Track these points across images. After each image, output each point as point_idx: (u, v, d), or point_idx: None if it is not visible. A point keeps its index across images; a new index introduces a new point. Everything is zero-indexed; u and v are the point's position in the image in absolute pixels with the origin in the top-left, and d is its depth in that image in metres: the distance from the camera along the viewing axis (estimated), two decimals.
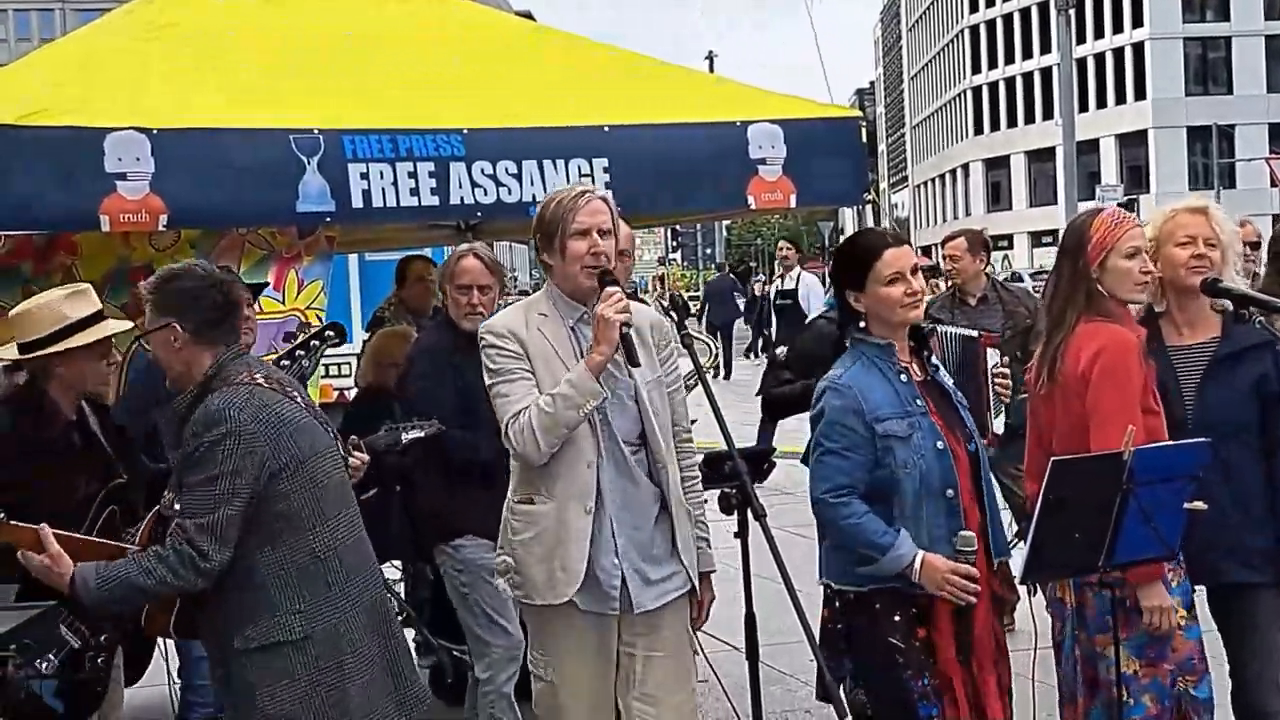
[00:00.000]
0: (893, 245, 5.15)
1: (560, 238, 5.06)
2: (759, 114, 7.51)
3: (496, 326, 5.16)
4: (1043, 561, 4.76)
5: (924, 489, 4.97)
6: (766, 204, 7.53)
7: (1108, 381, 5.08)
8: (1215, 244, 5.43)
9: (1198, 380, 5.43)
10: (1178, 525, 4.88)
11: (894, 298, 5.06)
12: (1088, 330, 5.20)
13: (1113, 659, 5.12)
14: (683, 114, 7.44)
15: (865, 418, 4.97)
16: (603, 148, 7.06)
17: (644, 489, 5.14)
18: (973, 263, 9.76)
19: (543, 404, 4.94)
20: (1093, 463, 4.79)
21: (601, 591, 5.07)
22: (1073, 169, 35.97)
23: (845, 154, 7.74)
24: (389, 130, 6.65)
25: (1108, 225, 5.30)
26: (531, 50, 8.19)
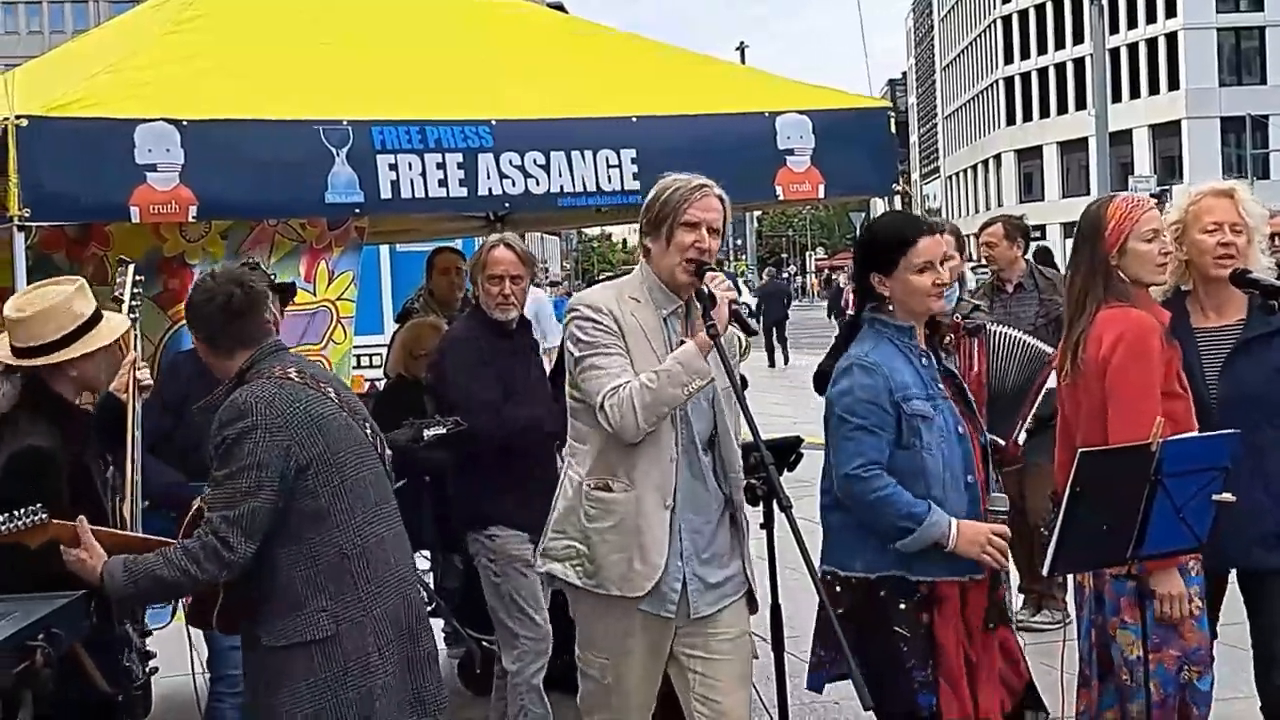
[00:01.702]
0: (927, 234, 5.16)
1: (670, 225, 4.98)
2: (787, 104, 7.51)
3: (592, 300, 5.07)
4: (1070, 553, 4.75)
5: (948, 472, 4.98)
6: (795, 195, 7.53)
7: (1128, 366, 5.07)
8: (1241, 229, 5.41)
9: (1223, 362, 5.42)
10: (1206, 517, 4.86)
11: (923, 286, 5.07)
12: (1108, 316, 5.19)
13: (1122, 644, 5.16)
14: (711, 105, 7.44)
15: (894, 396, 4.97)
16: (630, 138, 7.07)
17: (712, 492, 5.10)
18: (1009, 249, 9.72)
19: (646, 380, 4.83)
20: (1121, 454, 4.77)
21: (661, 593, 5.00)
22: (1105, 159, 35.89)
23: (874, 145, 7.74)
24: (417, 121, 6.67)
25: (1124, 210, 5.29)
26: (559, 41, 8.21)
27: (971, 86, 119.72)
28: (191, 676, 6.19)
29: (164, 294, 7.23)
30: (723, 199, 5.06)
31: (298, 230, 7.03)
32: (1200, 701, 5.18)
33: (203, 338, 4.93)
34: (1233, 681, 5.68)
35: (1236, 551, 5.28)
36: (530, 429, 6.57)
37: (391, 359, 8.41)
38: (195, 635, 6.25)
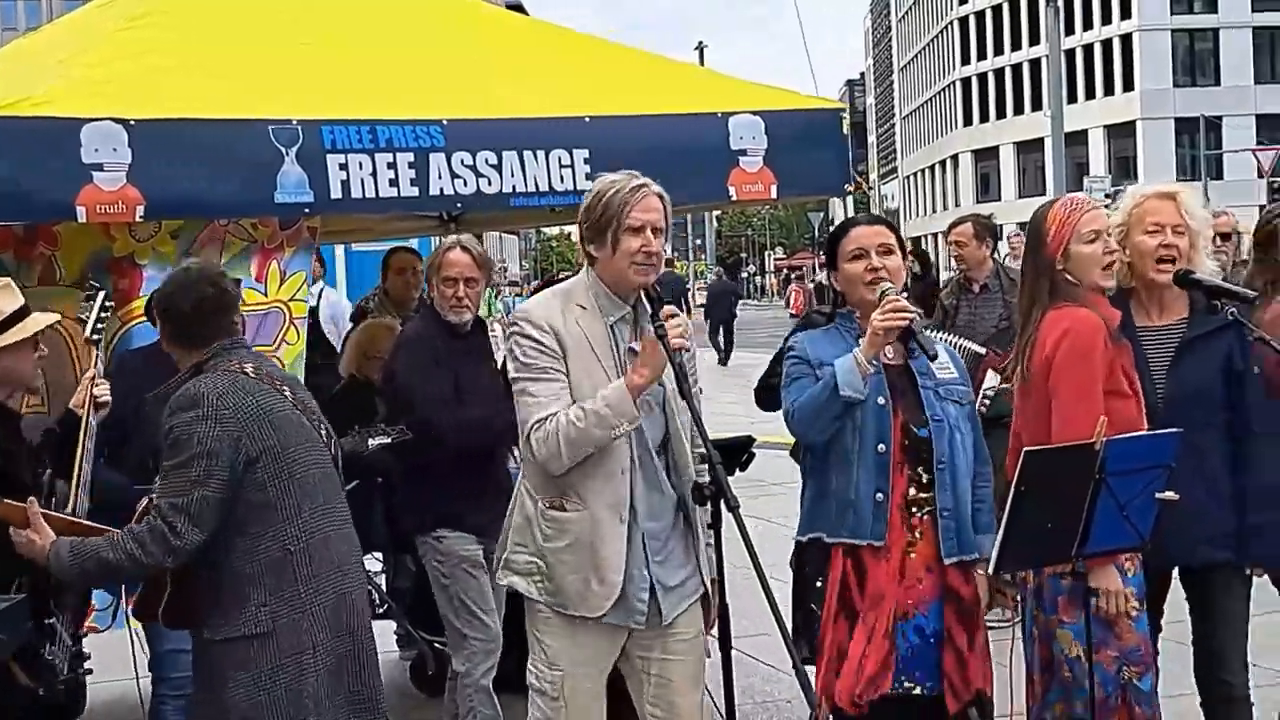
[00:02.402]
0: (861, 225, 5.38)
1: (614, 231, 4.92)
2: (740, 105, 7.51)
3: (535, 316, 4.97)
4: (1015, 551, 4.78)
5: (857, 438, 5.13)
6: (747, 195, 7.53)
7: (1069, 364, 5.12)
8: (1183, 231, 5.45)
9: (1167, 360, 5.46)
10: (1150, 515, 4.90)
11: (856, 273, 5.25)
12: (1054, 316, 5.24)
13: (1061, 643, 5.22)
14: (664, 105, 7.43)
15: (812, 365, 5.21)
16: (583, 139, 7.05)
17: (667, 495, 5.07)
18: (979, 249, 9.78)
19: (574, 417, 4.78)
20: (1065, 453, 4.81)
21: (630, 605, 4.98)
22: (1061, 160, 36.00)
23: (826, 145, 7.74)
24: (368, 121, 6.64)
25: (1062, 214, 5.35)
26: (512, 41, 8.20)
27: (929, 87, 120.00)
28: (135, 680, 6.16)
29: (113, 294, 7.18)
30: (662, 196, 5.03)
31: (249, 230, 6.99)
32: (1143, 701, 5.21)
33: (170, 331, 4.96)
34: (1182, 678, 5.71)
35: (1179, 549, 5.32)
36: (481, 431, 6.55)
37: (345, 360, 8.38)
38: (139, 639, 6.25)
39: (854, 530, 5.18)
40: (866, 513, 5.17)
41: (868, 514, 5.17)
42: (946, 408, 5.28)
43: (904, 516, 5.21)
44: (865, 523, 5.17)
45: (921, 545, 5.23)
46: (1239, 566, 5.42)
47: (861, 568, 5.20)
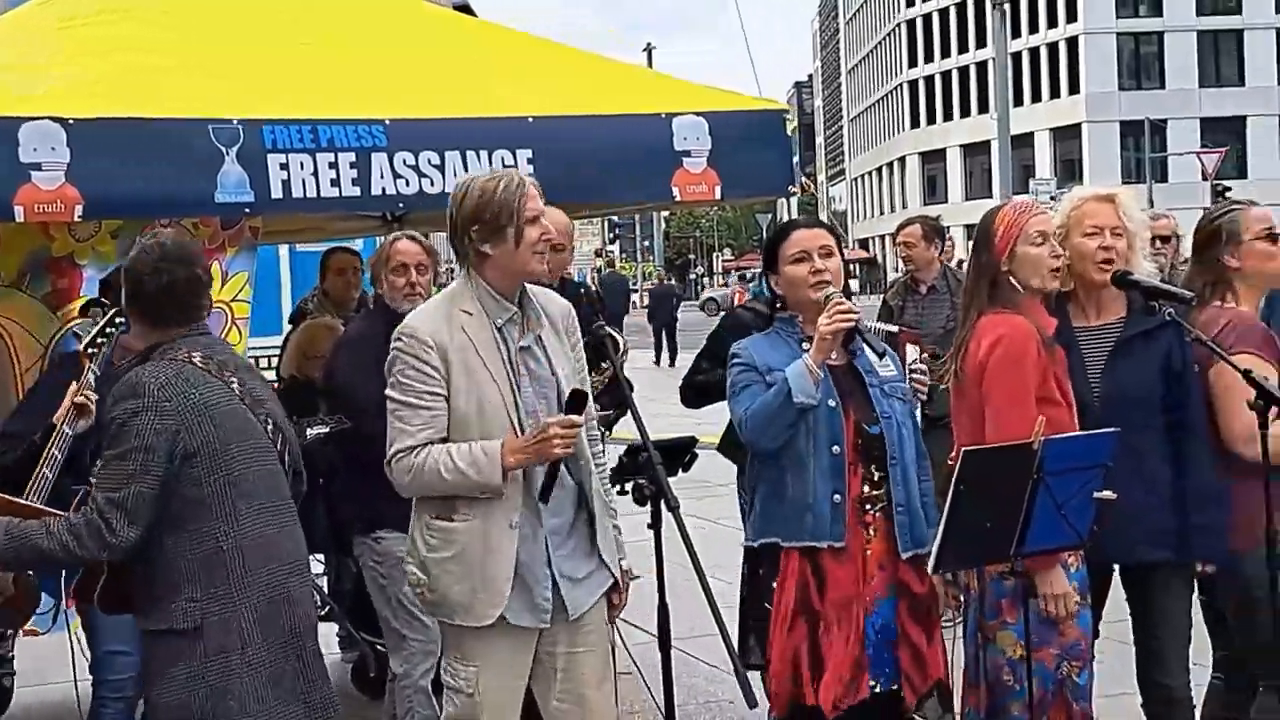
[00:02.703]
0: (802, 228, 5.44)
1: (516, 224, 4.91)
2: (684, 106, 7.50)
3: (419, 330, 4.94)
4: (954, 550, 4.80)
5: (811, 441, 5.18)
6: (691, 196, 7.52)
7: (1002, 370, 5.15)
8: (1122, 233, 5.48)
9: (1105, 360, 5.49)
10: (1087, 514, 4.93)
11: (799, 276, 5.31)
12: (989, 321, 5.28)
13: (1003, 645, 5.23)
14: (607, 106, 7.42)
15: (761, 371, 5.24)
16: (526, 139, 7.02)
17: (568, 487, 5.06)
18: (926, 250, 9.80)
19: (443, 468, 4.80)
20: (1003, 453, 4.84)
21: (533, 603, 4.97)
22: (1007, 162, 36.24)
23: (771, 146, 7.73)
24: (309, 120, 6.59)
25: (1010, 216, 5.39)
26: (456, 41, 8.17)
27: (876, 89, 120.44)
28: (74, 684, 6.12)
29: (52, 294, 7.15)
30: (536, 185, 5.07)
31: (190, 230, 6.94)
32: (1080, 696, 5.25)
33: (133, 307, 4.89)
34: (1122, 677, 5.73)
35: (1118, 549, 5.34)
36: None
37: (285, 360, 8.35)
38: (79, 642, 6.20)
39: (814, 533, 5.21)
40: (825, 515, 5.20)
41: (826, 516, 5.20)
42: (893, 404, 5.35)
43: (858, 515, 5.25)
44: (824, 525, 5.20)
45: (875, 542, 5.28)
46: (1179, 566, 5.44)
47: (821, 571, 5.22)
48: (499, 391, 4.90)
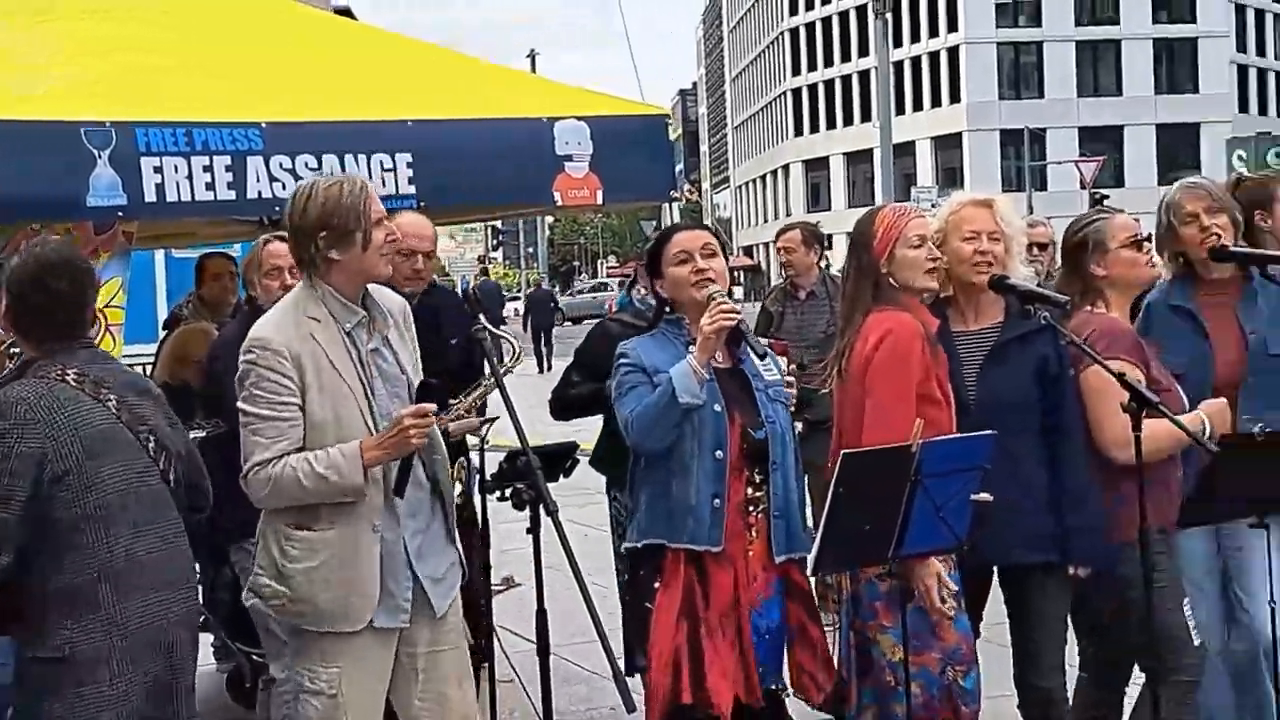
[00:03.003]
0: (683, 230, 5.46)
1: (364, 228, 4.86)
2: (565, 110, 7.48)
3: (268, 340, 4.86)
4: (833, 553, 4.80)
5: (696, 444, 5.17)
6: (574, 201, 7.51)
7: (886, 367, 5.19)
8: (999, 238, 5.53)
9: (981, 364, 5.53)
10: (965, 516, 4.95)
11: (682, 276, 5.31)
12: (875, 319, 5.31)
13: (884, 647, 5.24)
14: (489, 110, 7.39)
15: (648, 372, 5.22)
16: (406, 142, 6.98)
17: (422, 486, 5.03)
18: (806, 256, 9.84)
19: (302, 475, 4.74)
20: (882, 455, 4.84)
21: (395, 605, 4.93)
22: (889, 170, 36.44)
23: (652, 151, 7.74)
24: (184, 123, 6.50)
25: (891, 218, 5.43)
26: (336, 44, 8.12)
27: (760, 97, 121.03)
28: None
29: None
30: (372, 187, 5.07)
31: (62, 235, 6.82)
32: (968, 699, 5.29)
33: (13, 318, 4.74)
34: (1000, 679, 5.77)
35: (995, 551, 5.37)
36: None
37: (159, 366, 8.23)
38: None
39: (694, 536, 5.21)
40: (705, 519, 5.20)
41: (706, 520, 5.20)
42: (777, 409, 5.37)
43: (742, 517, 5.25)
44: (704, 529, 5.20)
45: (757, 544, 5.29)
46: (1055, 568, 5.48)
47: (705, 573, 5.21)
48: (354, 396, 4.86)
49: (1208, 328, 5.93)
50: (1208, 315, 5.96)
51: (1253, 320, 5.91)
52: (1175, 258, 6.10)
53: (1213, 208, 5.92)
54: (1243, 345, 5.89)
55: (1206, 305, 5.99)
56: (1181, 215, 5.96)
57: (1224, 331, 5.93)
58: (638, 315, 7.05)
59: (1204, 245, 5.91)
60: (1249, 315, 5.93)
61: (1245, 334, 5.91)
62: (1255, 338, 5.88)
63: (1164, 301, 6.10)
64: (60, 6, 7.31)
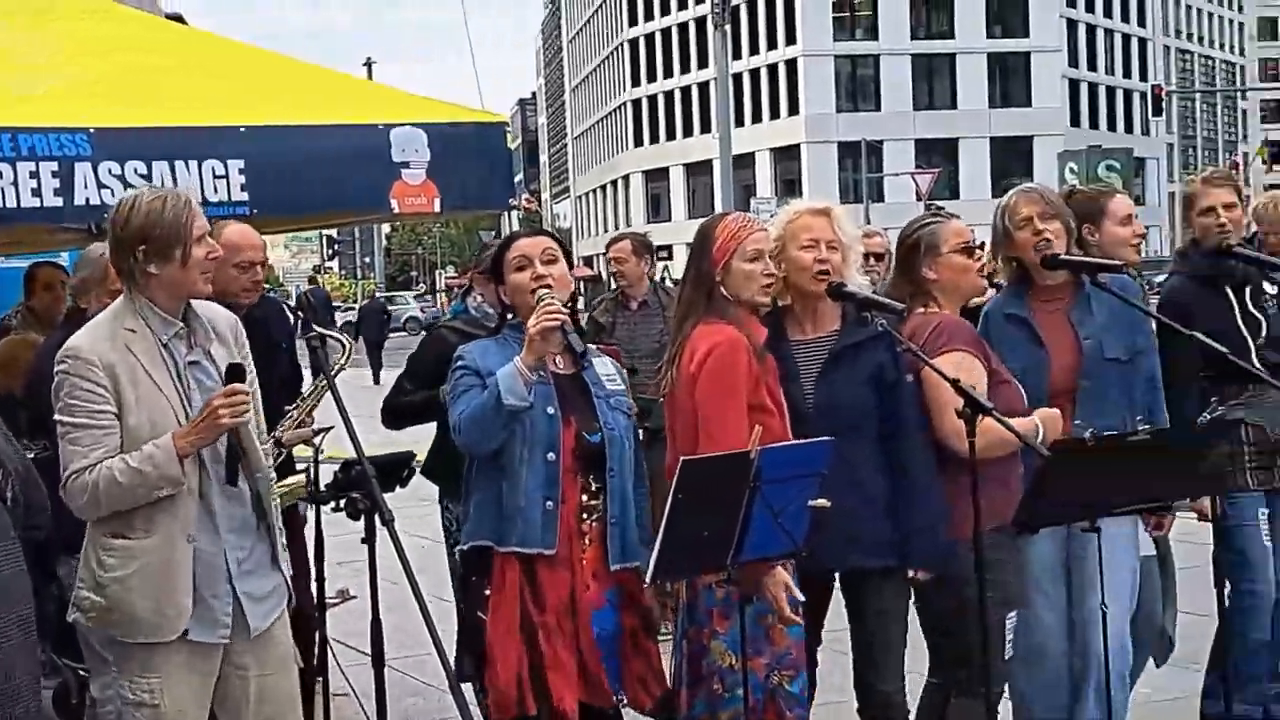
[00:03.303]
0: (524, 237, 5.44)
1: (185, 244, 4.80)
2: (402, 117, 7.41)
3: (81, 350, 4.78)
4: (671, 560, 4.79)
5: (526, 446, 5.16)
6: (411, 208, 7.45)
7: (713, 380, 5.19)
8: (837, 246, 5.55)
9: (819, 371, 5.54)
10: (803, 521, 4.96)
11: (521, 282, 5.29)
12: (703, 331, 5.30)
13: (714, 654, 5.24)
14: (323, 116, 7.31)
15: (482, 375, 5.17)
16: (238, 149, 6.87)
17: (246, 502, 4.96)
18: (637, 266, 9.84)
19: (116, 473, 4.67)
20: (721, 462, 4.85)
21: (214, 619, 4.86)
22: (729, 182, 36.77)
23: (490, 159, 7.70)
24: (9, 128, 6.37)
25: (731, 229, 5.41)
26: (167, 48, 7.98)
27: (600, 108, 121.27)
28: None
29: None
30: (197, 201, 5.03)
31: None
32: (793, 705, 5.30)
33: None
34: (842, 685, 5.80)
35: (834, 556, 5.40)
36: None
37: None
38: None
39: (524, 539, 5.17)
40: (536, 521, 5.17)
41: (537, 523, 5.17)
42: (617, 417, 5.36)
43: (576, 523, 5.23)
44: (535, 531, 5.17)
45: (592, 550, 5.27)
46: (894, 572, 5.51)
47: (536, 578, 5.18)
48: (170, 407, 4.79)
49: (1042, 335, 6.02)
50: (1042, 322, 6.05)
51: (1086, 326, 6.01)
52: (1010, 263, 6.18)
53: (1046, 213, 6.00)
54: (1077, 351, 5.99)
55: (1040, 312, 6.08)
56: (1016, 220, 6.04)
57: (1059, 338, 6.02)
58: (471, 323, 7.02)
59: (1037, 250, 5.99)
60: (1083, 321, 6.02)
61: (1080, 340, 6.00)
62: (1090, 344, 5.98)
63: (1000, 310, 6.19)
64: None
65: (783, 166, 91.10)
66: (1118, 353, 6.03)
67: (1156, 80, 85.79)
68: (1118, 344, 6.03)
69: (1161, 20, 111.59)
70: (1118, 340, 6.03)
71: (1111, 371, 6.00)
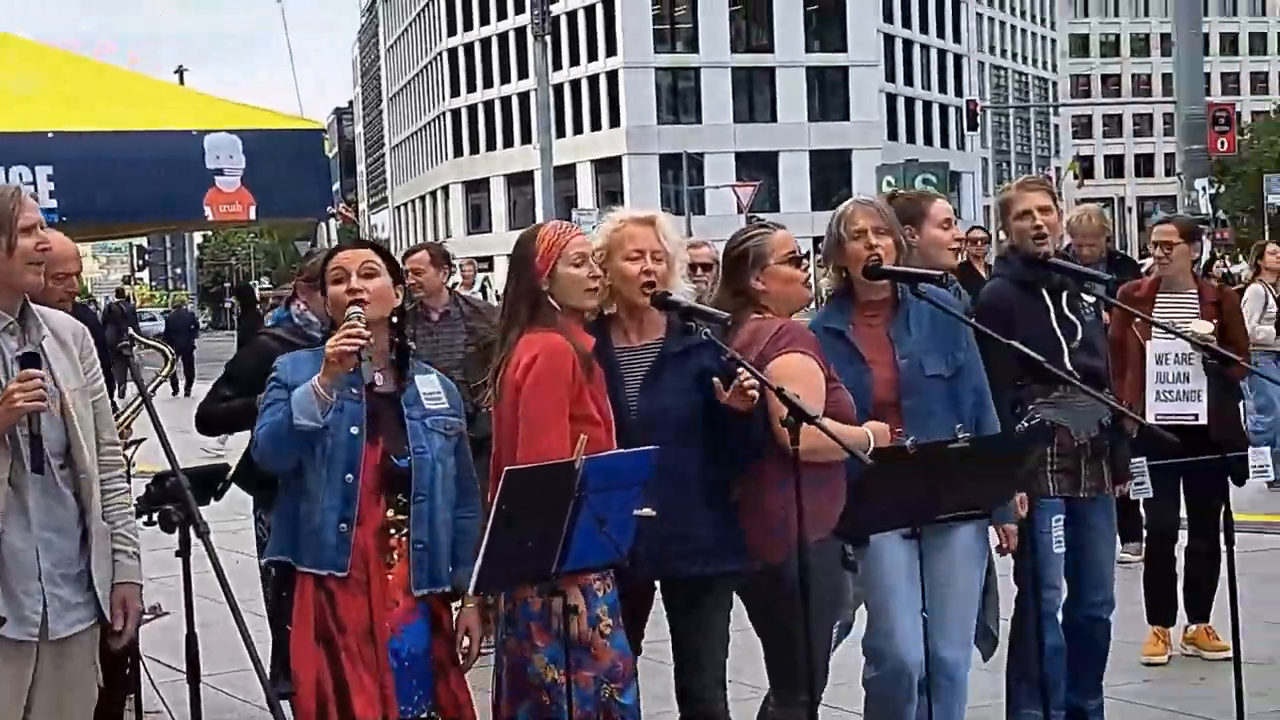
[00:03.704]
0: (346, 250, 5.35)
1: (10, 235, 4.65)
2: (216, 123, 7.30)
3: None
4: (495, 571, 4.75)
5: (325, 465, 5.08)
6: (225, 216, 7.34)
7: (537, 388, 5.15)
8: (662, 256, 5.53)
9: (644, 380, 5.53)
10: (628, 530, 4.95)
11: (338, 295, 5.20)
12: (528, 340, 5.26)
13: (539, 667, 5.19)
14: (135, 122, 7.18)
15: (289, 389, 5.08)
16: (46, 155, 6.73)
17: (69, 506, 4.80)
18: (436, 276, 9.73)
19: None
20: (545, 472, 4.82)
21: (24, 615, 4.68)
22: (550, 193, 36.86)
23: (307, 166, 7.62)
24: None
25: (552, 236, 5.39)
26: None
27: (419, 118, 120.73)
28: None
29: None
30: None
31: None
32: (627, 715, 5.28)
33: None
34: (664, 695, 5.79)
35: (657, 564, 5.38)
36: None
37: None
38: None
39: (318, 560, 5.10)
40: (330, 543, 5.09)
41: (331, 544, 5.09)
42: (432, 439, 5.25)
43: (381, 541, 5.14)
44: (329, 553, 5.09)
45: (399, 568, 5.18)
46: (716, 581, 5.51)
47: (333, 597, 5.10)
48: None
49: (862, 350, 6.03)
50: (862, 337, 6.06)
51: (904, 344, 6.03)
52: (839, 272, 6.19)
53: (880, 228, 6.02)
54: (897, 368, 6.02)
55: (861, 326, 6.10)
56: (851, 230, 6.05)
57: (879, 354, 6.04)
58: (294, 331, 6.91)
59: (866, 263, 6.00)
60: (900, 339, 6.05)
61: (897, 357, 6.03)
62: (906, 363, 5.99)
63: (820, 323, 6.20)
64: None
65: (605, 178, 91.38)
66: (939, 369, 6.04)
67: (971, 95, 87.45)
68: (939, 361, 6.05)
69: (976, 37, 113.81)
70: (939, 357, 6.05)
71: (935, 388, 6.02)
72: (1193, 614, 8.54)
